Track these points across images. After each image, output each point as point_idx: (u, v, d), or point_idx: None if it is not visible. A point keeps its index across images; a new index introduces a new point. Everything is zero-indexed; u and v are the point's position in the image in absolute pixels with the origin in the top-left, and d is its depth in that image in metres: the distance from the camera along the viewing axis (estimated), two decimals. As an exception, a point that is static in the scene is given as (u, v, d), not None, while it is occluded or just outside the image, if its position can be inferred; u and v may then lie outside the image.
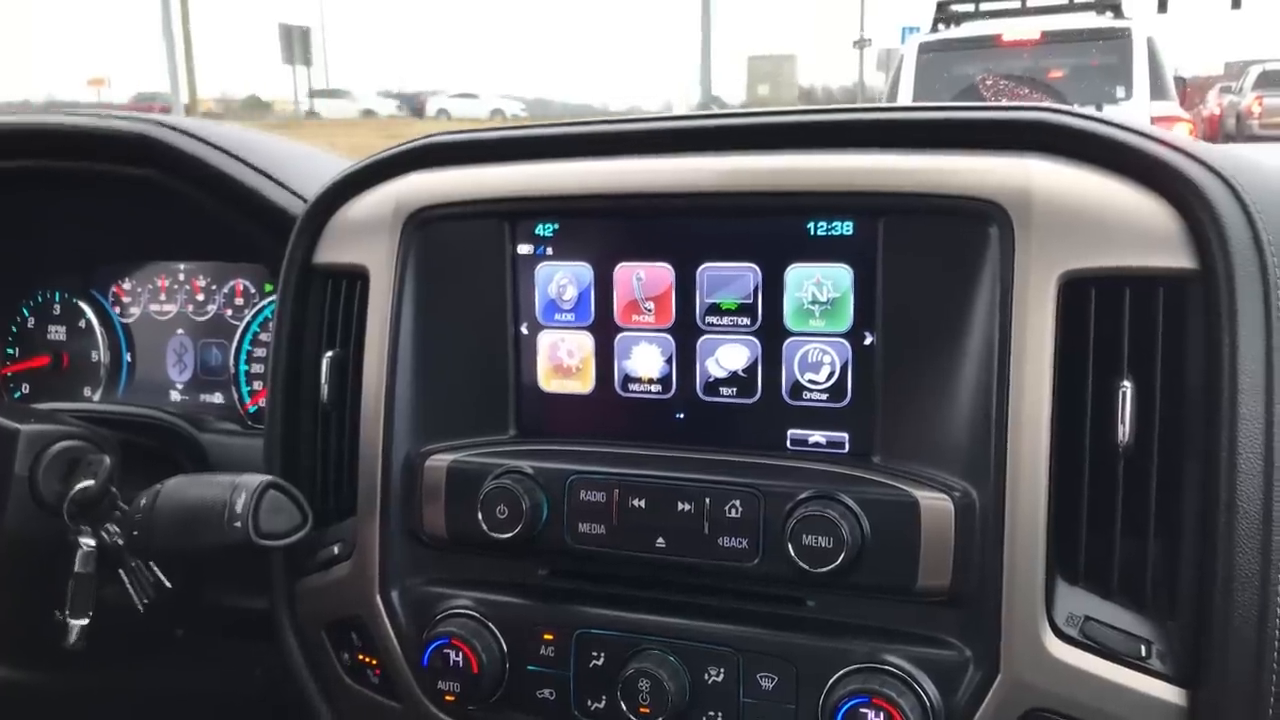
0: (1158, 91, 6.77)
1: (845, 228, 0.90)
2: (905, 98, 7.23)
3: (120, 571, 1.03)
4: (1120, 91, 6.81)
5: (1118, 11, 7.46)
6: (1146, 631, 0.80)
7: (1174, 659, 0.78)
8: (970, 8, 8.02)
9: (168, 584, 1.04)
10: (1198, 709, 0.77)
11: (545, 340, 1.02)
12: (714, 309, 0.95)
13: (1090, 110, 0.91)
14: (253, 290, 1.43)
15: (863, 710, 0.82)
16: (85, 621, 0.99)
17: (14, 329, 1.54)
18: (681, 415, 0.97)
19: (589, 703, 0.94)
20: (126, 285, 1.50)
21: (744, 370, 0.95)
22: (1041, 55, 7.16)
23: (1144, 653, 0.79)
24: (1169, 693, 0.78)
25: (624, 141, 0.99)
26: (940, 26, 7.95)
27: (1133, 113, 6.39)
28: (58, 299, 1.52)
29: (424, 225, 1.02)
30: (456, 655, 0.95)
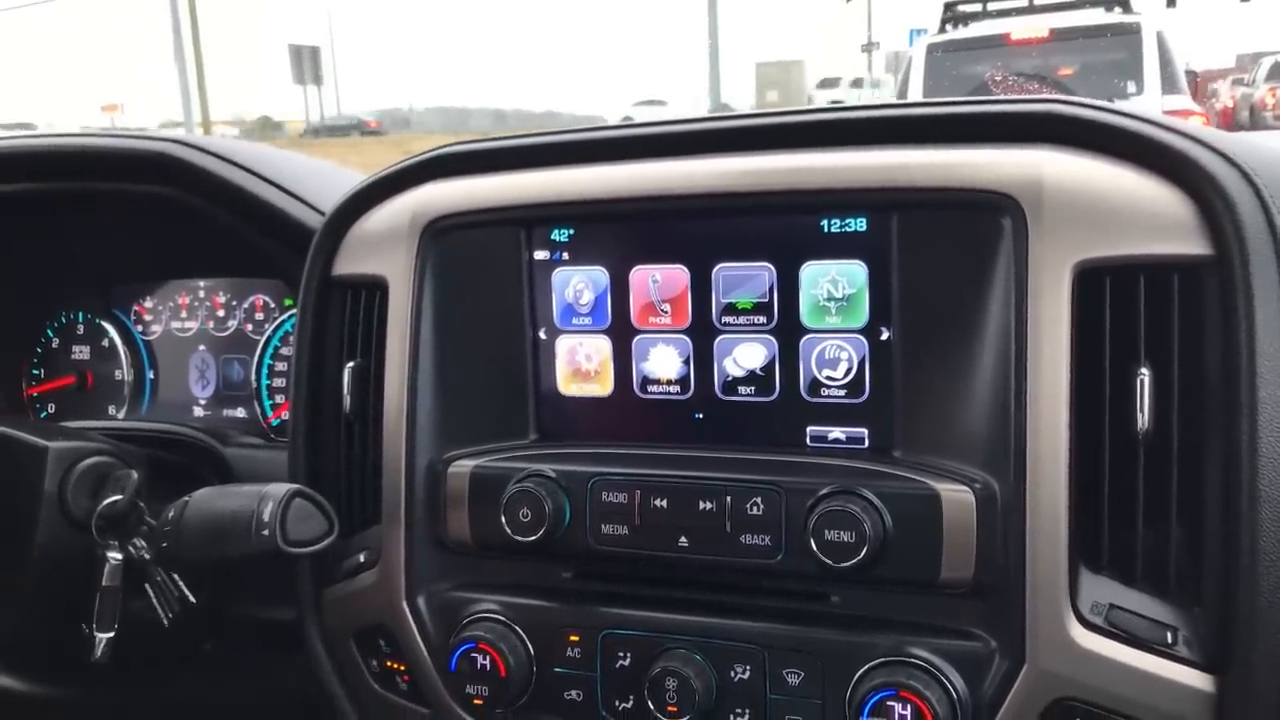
0: (1169, 86, 6.73)
1: (859, 224, 0.90)
2: (914, 99, 7.22)
3: (146, 585, 1.04)
4: (1131, 87, 6.78)
5: (1126, 7, 7.42)
6: (1172, 618, 0.80)
7: (1200, 645, 0.78)
8: (977, 7, 8.00)
9: (192, 599, 1.05)
10: (1225, 694, 0.76)
11: (563, 344, 1.02)
12: (730, 308, 0.96)
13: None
14: (272, 305, 1.44)
15: (889, 703, 0.82)
16: (111, 635, 1.00)
17: (39, 350, 1.56)
18: (701, 415, 0.98)
19: (616, 703, 0.94)
20: (148, 303, 1.51)
21: (762, 369, 0.95)
22: (1051, 53, 7.13)
23: (1170, 640, 0.79)
24: (1196, 679, 0.77)
25: (636, 146, 1.00)
26: (948, 27, 7.94)
27: (1145, 108, 6.35)
28: (81, 319, 1.54)
29: (440, 235, 1.03)
30: (484, 659, 0.96)
